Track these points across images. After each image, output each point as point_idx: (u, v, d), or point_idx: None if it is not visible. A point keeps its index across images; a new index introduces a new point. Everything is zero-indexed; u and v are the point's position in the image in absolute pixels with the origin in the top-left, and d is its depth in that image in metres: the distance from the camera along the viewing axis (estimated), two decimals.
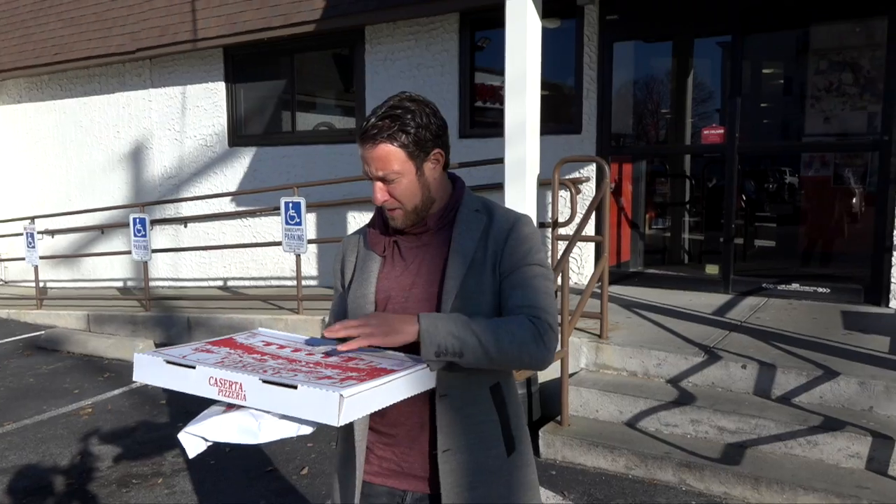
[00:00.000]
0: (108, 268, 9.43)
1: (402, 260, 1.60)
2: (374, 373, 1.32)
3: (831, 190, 7.11)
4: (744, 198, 7.20)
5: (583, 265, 6.33)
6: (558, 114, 6.40)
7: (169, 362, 1.38)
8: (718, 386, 4.02)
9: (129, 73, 8.96)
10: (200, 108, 8.45)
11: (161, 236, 8.68)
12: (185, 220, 8.52)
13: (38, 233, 8.52)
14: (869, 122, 6.56)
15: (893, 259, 5.13)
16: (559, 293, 4.23)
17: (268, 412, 1.28)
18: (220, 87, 8.30)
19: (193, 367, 1.35)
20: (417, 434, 1.55)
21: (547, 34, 4.96)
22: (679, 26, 6.28)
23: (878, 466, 3.33)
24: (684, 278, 6.11)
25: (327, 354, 1.44)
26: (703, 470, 3.46)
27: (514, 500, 1.58)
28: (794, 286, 5.55)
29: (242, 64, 8.26)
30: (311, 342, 1.55)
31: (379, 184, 1.52)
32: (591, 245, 6.27)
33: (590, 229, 6.04)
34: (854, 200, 7.07)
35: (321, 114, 8.39)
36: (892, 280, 5.14)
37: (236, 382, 1.29)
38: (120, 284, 9.38)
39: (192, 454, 1.35)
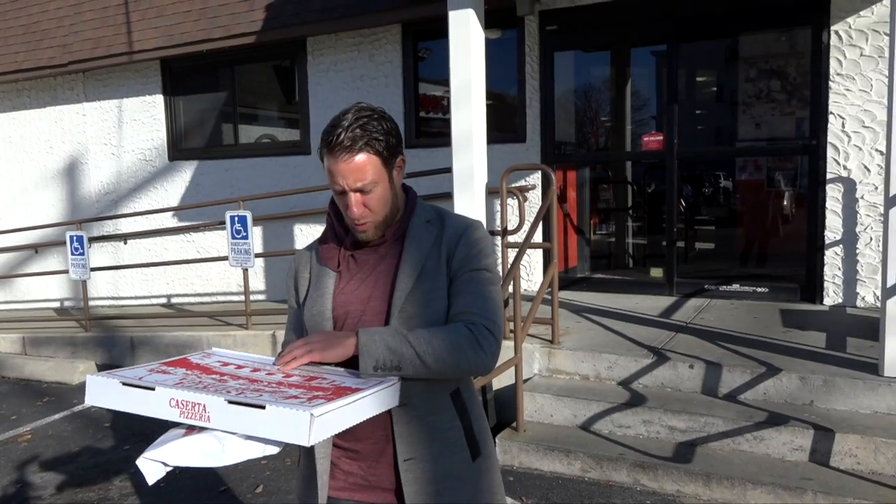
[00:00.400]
0: (43, 288, 9.06)
1: (358, 273, 1.60)
2: (340, 391, 1.31)
3: (765, 193, 7.40)
4: (682, 202, 7.42)
5: (531, 272, 6.41)
6: (503, 123, 6.49)
7: (126, 384, 1.34)
8: (668, 386, 4.13)
9: (62, 86, 8.66)
10: (138, 122, 8.23)
11: (100, 254, 8.40)
12: (124, 237, 8.27)
13: None
14: (797, 126, 6.87)
15: (825, 258, 5.37)
16: (511, 300, 4.28)
17: (232, 433, 1.26)
18: (158, 100, 8.10)
19: (153, 389, 1.31)
20: (383, 446, 1.55)
21: (489, 45, 5.04)
22: (616, 36, 6.46)
23: (820, 458, 3.47)
24: (630, 282, 6.26)
25: (288, 374, 1.43)
26: (656, 469, 3.55)
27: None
28: (735, 286, 5.75)
29: (181, 76, 8.08)
30: (267, 362, 1.53)
31: (356, 196, 1.50)
32: (540, 252, 6.36)
33: (538, 236, 6.12)
34: (786, 202, 7.37)
35: (264, 126, 8.27)
36: (826, 278, 5.38)
37: (199, 404, 1.26)
38: (57, 305, 9.02)
39: (151, 480, 1.30)
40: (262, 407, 1.21)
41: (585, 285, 6.36)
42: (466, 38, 4.64)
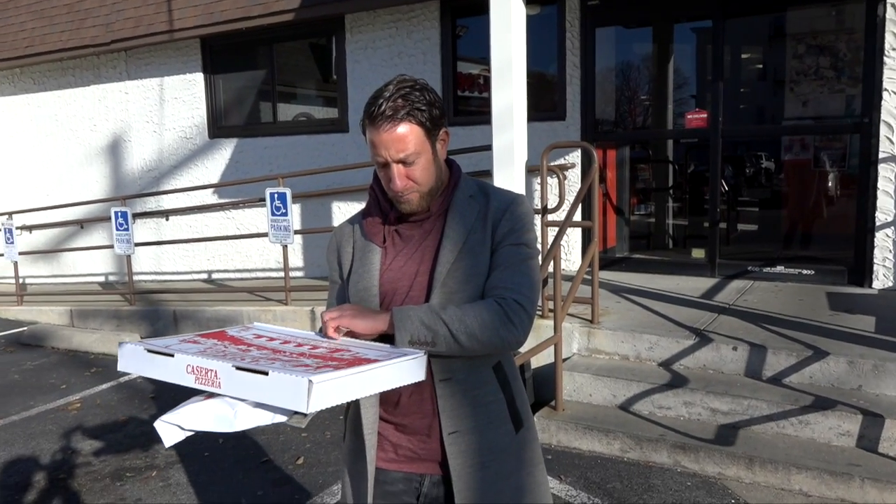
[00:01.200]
0: (89, 263, 9.29)
1: (404, 248, 1.59)
2: (356, 362, 1.31)
3: (811, 172, 7.21)
4: (724, 183, 7.29)
5: (570, 251, 6.36)
6: (542, 101, 6.41)
7: (150, 351, 1.37)
8: (710, 368, 4.07)
9: (105, 65, 8.80)
10: (179, 100, 8.33)
11: (143, 230, 8.57)
12: (166, 213, 8.41)
13: (17, 228, 8.37)
14: (847, 104, 6.64)
15: (875, 240, 5.22)
16: (552, 279, 4.25)
17: (243, 400, 1.27)
18: (198, 79, 8.18)
19: (172, 356, 1.34)
20: (431, 420, 1.56)
21: (529, 21, 4.96)
22: (659, 12, 6.31)
23: (868, 444, 3.40)
24: (670, 263, 6.17)
25: (315, 346, 1.44)
26: (697, 451, 3.51)
27: (524, 475, 1.60)
28: (779, 269, 5.62)
29: (221, 55, 8.14)
30: (306, 336, 1.54)
31: (399, 167, 1.49)
32: (578, 231, 6.30)
33: (577, 215, 6.07)
34: (833, 183, 7.18)
35: (302, 104, 8.31)
36: (875, 261, 5.23)
37: (211, 370, 1.28)
38: (102, 279, 9.24)
39: (168, 443, 1.33)
40: (266, 373, 1.22)
41: (624, 266, 6.29)
42: (507, 13, 4.58)
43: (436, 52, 6.76)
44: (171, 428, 1.31)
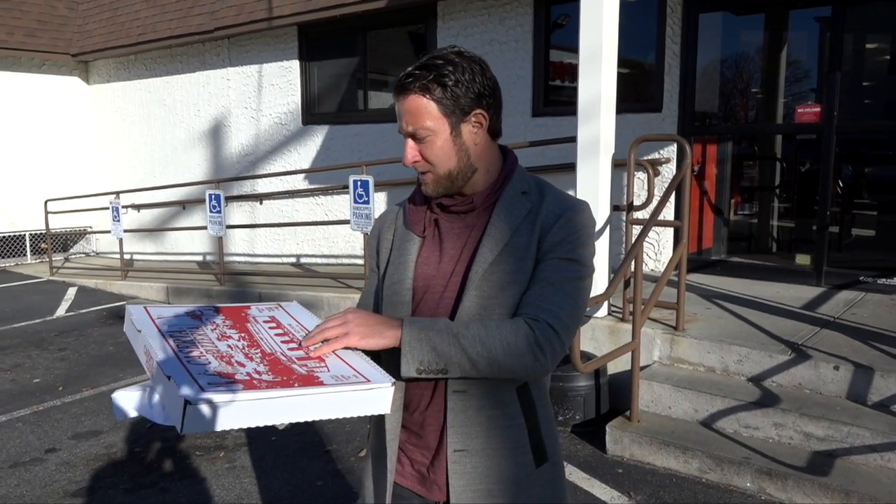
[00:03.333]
0: (188, 242, 9.71)
1: (443, 242, 1.44)
2: (304, 380, 1.18)
3: None
4: (840, 183, 6.67)
5: (660, 251, 6.02)
6: (637, 91, 6.07)
7: (131, 319, 1.36)
8: (806, 388, 3.70)
9: (209, 52, 9.12)
10: (275, 87, 8.51)
11: (238, 212, 8.85)
12: (260, 197, 8.65)
13: (124, 207, 8.84)
14: None
15: None
16: (633, 280, 3.99)
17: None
18: (294, 66, 8.33)
19: (140, 331, 1.30)
20: (440, 435, 1.41)
21: (626, 7, 4.67)
22: None
23: None
24: (771, 268, 5.71)
25: (295, 349, 1.33)
26: (785, 479, 3.19)
27: None
28: None
29: (316, 42, 8.25)
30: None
31: (410, 141, 1.38)
32: (671, 231, 5.94)
33: (668, 214, 5.72)
34: None
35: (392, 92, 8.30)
36: None
37: (152, 358, 1.23)
38: (199, 258, 9.64)
39: (117, 416, 1.26)
40: (169, 378, 1.12)
41: (720, 269, 5.88)
42: None
43: (528, 40, 6.55)
44: (118, 406, 1.24)
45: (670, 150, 5.85)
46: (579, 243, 1.36)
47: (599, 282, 4.33)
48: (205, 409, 1.08)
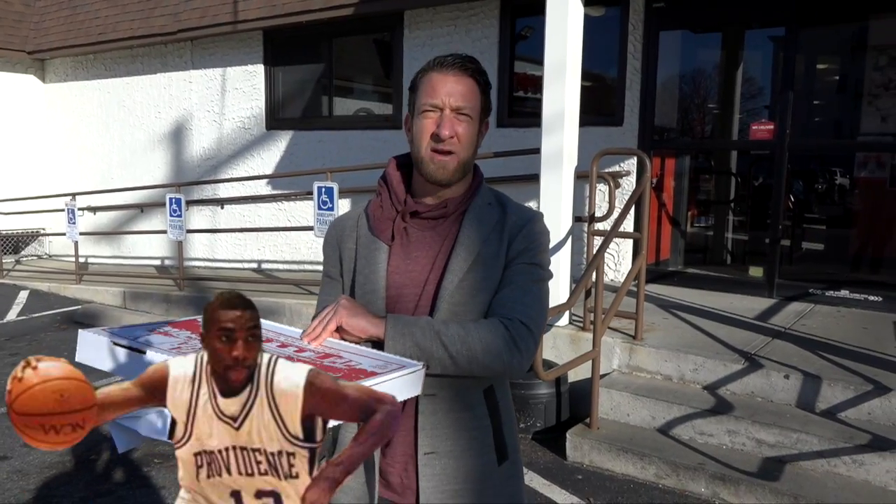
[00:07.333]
0: (146, 246, 9.53)
1: (414, 251, 1.46)
2: (351, 374, 1.17)
3: (887, 192, 6.78)
4: (792, 198, 6.91)
5: (620, 262, 6.14)
6: (599, 105, 6.20)
7: (116, 344, 1.24)
8: (758, 395, 3.82)
9: (171, 54, 9.00)
10: (239, 91, 8.44)
11: (198, 217, 8.73)
12: (221, 202, 8.55)
13: (80, 209, 8.64)
14: None
15: None
16: (593, 290, 4.08)
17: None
18: (259, 70, 8.27)
19: (143, 353, 1.22)
20: (412, 438, 1.43)
21: (590, 22, 4.78)
22: (730, 16, 6.02)
23: None
24: (726, 280, 5.87)
25: (300, 349, 1.31)
26: (738, 484, 3.29)
27: None
28: (844, 293, 5.28)
29: (282, 47, 8.21)
30: (292, 333, 1.41)
31: (450, 113, 1.40)
32: (630, 242, 6.07)
33: (629, 225, 5.85)
34: None
35: (358, 99, 8.30)
36: None
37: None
38: (158, 263, 9.47)
39: (121, 449, 1.21)
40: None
41: (677, 280, 6.03)
42: (564, 12, 4.42)
43: (493, 51, 6.64)
44: (123, 435, 1.19)
45: (630, 164, 5.99)
46: (540, 249, 1.47)
47: (561, 292, 4.41)
48: None
